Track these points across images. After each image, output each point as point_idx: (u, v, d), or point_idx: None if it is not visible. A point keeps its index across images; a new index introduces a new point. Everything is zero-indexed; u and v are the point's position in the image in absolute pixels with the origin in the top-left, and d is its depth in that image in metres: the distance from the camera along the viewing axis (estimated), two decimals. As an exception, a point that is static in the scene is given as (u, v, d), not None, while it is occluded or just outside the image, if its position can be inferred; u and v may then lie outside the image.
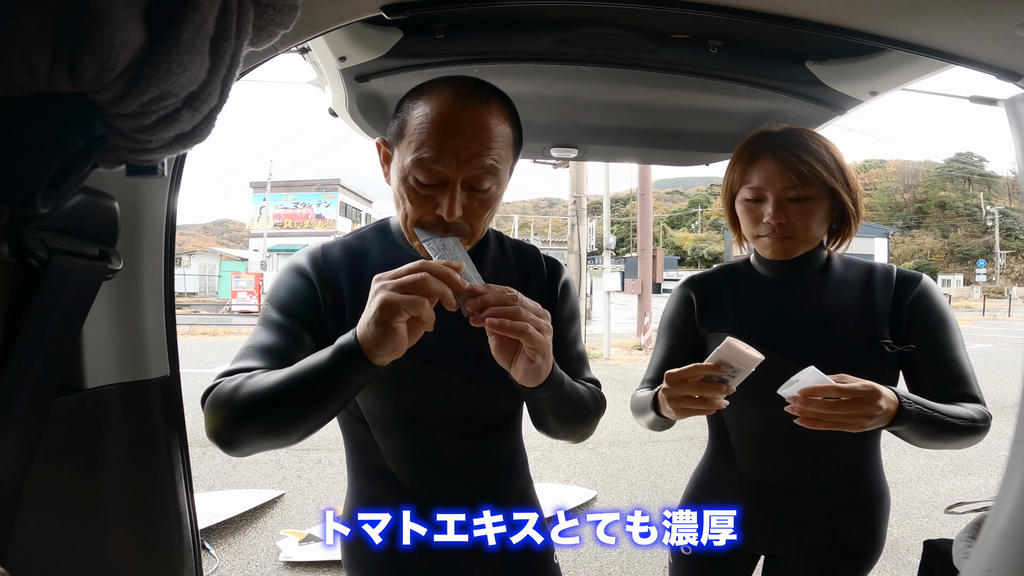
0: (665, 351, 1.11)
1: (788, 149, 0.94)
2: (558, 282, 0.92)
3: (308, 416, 0.65)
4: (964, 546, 0.61)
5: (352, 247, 0.84)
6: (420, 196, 0.73)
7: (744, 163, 0.99)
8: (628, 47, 1.07)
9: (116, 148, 0.37)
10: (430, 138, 0.70)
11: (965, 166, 48.37)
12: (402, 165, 0.73)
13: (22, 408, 0.52)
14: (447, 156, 0.70)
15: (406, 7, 0.74)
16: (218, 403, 0.66)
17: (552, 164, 1.72)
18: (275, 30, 0.39)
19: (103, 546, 0.69)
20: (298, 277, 0.79)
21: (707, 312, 1.07)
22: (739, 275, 1.08)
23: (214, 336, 12.32)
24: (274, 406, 0.64)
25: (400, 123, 0.75)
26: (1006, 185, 46.94)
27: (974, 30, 0.70)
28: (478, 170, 0.72)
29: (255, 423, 0.65)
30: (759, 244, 1.00)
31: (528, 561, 0.93)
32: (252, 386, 0.65)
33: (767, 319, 1.01)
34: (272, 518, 3.18)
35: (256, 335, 0.76)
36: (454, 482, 0.87)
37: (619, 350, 10.48)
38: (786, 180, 0.93)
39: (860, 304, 0.98)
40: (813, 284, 1.01)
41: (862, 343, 0.95)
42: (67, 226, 0.57)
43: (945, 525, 3.02)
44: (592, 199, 16.49)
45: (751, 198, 0.98)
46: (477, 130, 0.71)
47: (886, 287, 0.99)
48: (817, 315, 0.98)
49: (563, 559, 1.05)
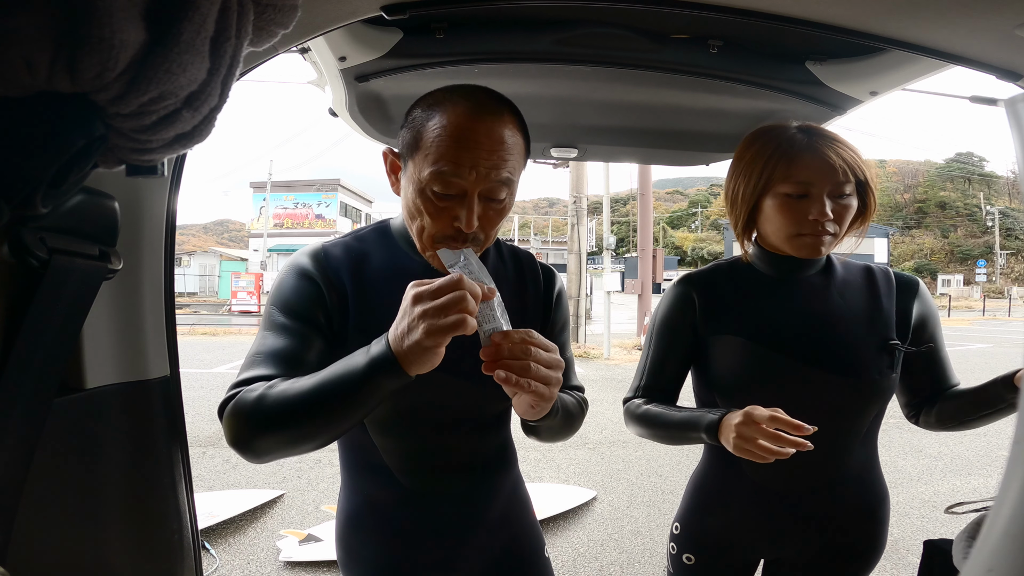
0: (660, 354, 1.06)
1: (830, 146, 0.92)
2: (553, 291, 0.95)
3: (339, 424, 0.65)
4: (964, 546, 0.61)
5: (353, 248, 0.84)
6: (438, 208, 0.74)
7: (781, 158, 0.93)
8: (628, 47, 1.07)
9: (116, 148, 0.37)
10: (449, 151, 0.71)
11: (965, 166, 48.37)
12: (419, 177, 0.74)
13: (22, 408, 0.52)
14: (466, 169, 0.71)
15: (406, 7, 0.74)
16: (243, 413, 0.66)
17: (552, 164, 1.72)
18: (275, 30, 0.39)
19: (103, 546, 0.69)
20: (302, 278, 0.79)
21: (710, 313, 1.02)
22: (740, 274, 1.05)
23: (214, 336, 12.32)
24: (305, 416, 0.64)
25: (414, 134, 0.75)
26: (1006, 185, 46.94)
27: (974, 30, 0.70)
28: (495, 183, 0.73)
29: (285, 432, 0.65)
30: (795, 244, 0.95)
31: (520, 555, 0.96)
32: (278, 396, 0.65)
33: (778, 321, 0.98)
34: (272, 518, 3.18)
35: (264, 340, 0.75)
36: (449, 478, 0.89)
37: (619, 350, 10.48)
38: (836, 176, 0.91)
39: (868, 305, 0.98)
40: (819, 285, 1.00)
41: (873, 344, 0.95)
42: (67, 226, 0.56)
43: (945, 525, 3.02)
44: (592, 199, 16.49)
45: (794, 194, 0.93)
46: (495, 143, 0.72)
47: (888, 289, 1.00)
48: (828, 317, 0.97)
49: (563, 559, 1.06)
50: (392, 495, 0.87)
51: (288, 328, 0.75)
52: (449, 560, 0.90)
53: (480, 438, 0.91)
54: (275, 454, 0.67)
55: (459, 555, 0.90)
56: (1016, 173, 7.66)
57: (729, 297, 1.02)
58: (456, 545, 0.90)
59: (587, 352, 10.21)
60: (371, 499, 0.88)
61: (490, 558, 0.93)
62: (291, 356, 0.73)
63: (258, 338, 0.76)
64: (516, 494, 0.97)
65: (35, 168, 0.35)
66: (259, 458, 0.67)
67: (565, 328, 0.97)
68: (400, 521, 0.88)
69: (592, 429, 5.15)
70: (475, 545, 0.91)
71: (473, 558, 0.91)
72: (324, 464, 4.04)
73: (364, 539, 0.89)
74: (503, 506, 0.94)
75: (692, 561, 1.06)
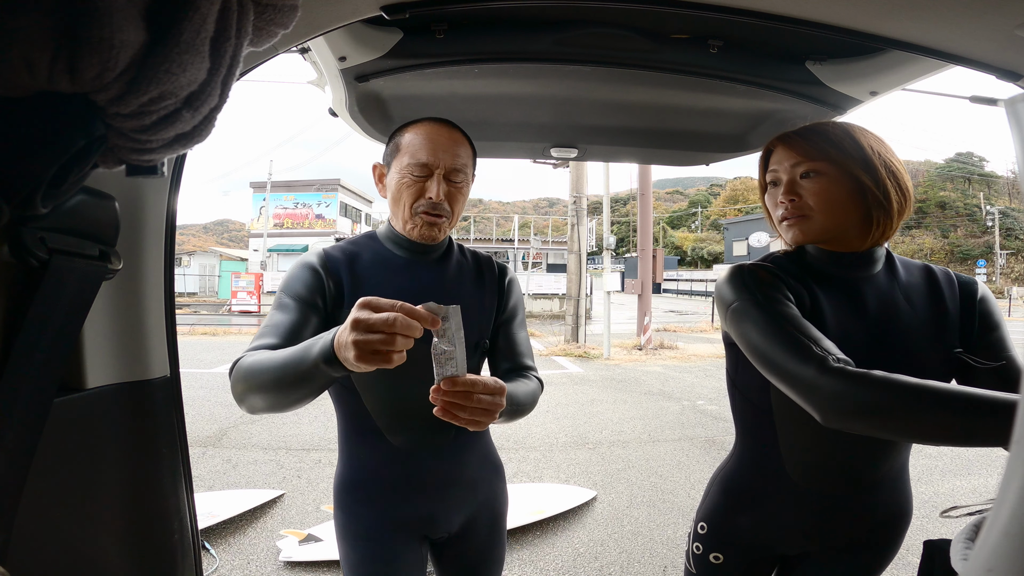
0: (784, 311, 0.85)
1: (796, 132, 0.96)
2: (505, 280, 1.17)
3: (295, 394, 0.79)
4: (963, 547, 0.61)
5: (348, 250, 1.05)
6: (415, 184, 1.00)
7: (766, 152, 1.01)
8: (628, 47, 1.07)
9: (116, 148, 0.37)
10: (422, 147, 0.99)
11: (965, 166, 48.38)
12: (400, 167, 1.01)
13: (22, 408, 0.52)
14: (433, 155, 0.99)
15: (406, 7, 0.74)
16: (238, 374, 0.84)
17: (552, 164, 1.72)
18: (275, 30, 0.39)
19: (103, 546, 0.69)
20: (307, 270, 0.99)
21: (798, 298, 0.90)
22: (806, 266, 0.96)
23: (214, 336, 12.31)
24: (270, 385, 0.79)
25: (394, 146, 1.03)
26: (1006, 185, 46.94)
27: (974, 30, 0.70)
28: (452, 168, 1.00)
29: (257, 396, 0.82)
30: (782, 230, 0.98)
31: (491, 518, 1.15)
32: (255, 364, 0.82)
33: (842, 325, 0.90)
34: (272, 518, 3.18)
35: (272, 316, 0.95)
36: (431, 435, 1.05)
37: (619, 350, 10.48)
38: (791, 157, 0.94)
39: (933, 310, 0.93)
40: (884, 286, 0.94)
41: (937, 353, 0.91)
42: (67, 226, 0.56)
43: (945, 525, 3.02)
44: (592, 199, 16.49)
45: (770, 181, 0.99)
46: (451, 143, 1.01)
47: (952, 292, 0.94)
48: (894, 322, 0.91)
49: (563, 559, 1.07)
50: (383, 454, 1.04)
51: (291, 308, 0.95)
52: (432, 515, 1.06)
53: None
54: (259, 410, 0.84)
55: (440, 510, 1.07)
56: (1016, 173, 7.62)
57: (803, 293, 0.92)
58: (438, 500, 1.06)
59: (587, 352, 10.21)
60: (364, 461, 1.05)
61: (465, 517, 1.10)
62: (291, 330, 0.92)
63: (268, 316, 0.96)
64: (488, 459, 1.15)
65: (35, 168, 0.35)
66: (251, 411, 0.86)
67: (519, 308, 1.17)
68: (391, 479, 1.04)
69: (592, 429, 5.15)
70: (453, 502, 1.08)
71: (451, 514, 1.08)
72: (324, 464, 4.04)
73: (359, 496, 1.05)
74: (476, 468, 1.11)
75: (720, 560, 1.05)
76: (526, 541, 2.92)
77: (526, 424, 5.23)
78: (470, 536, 1.12)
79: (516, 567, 2.68)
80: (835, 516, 0.99)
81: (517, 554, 2.79)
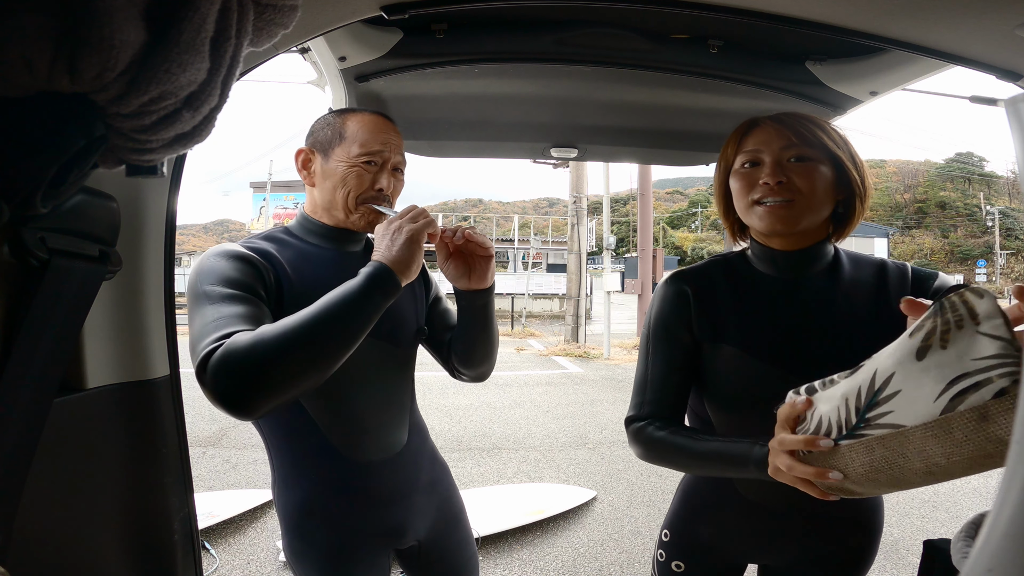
0: (661, 364, 0.95)
1: (787, 115, 0.90)
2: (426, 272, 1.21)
3: (341, 344, 0.74)
4: (962, 546, 0.61)
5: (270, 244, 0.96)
6: (364, 176, 0.98)
7: (739, 134, 0.93)
8: (628, 47, 1.07)
9: (116, 148, 0.37)
10: (373, 138, 0.98)
11: (965, 166, 48.37)
12: (349, 156, 0.97)
13: (22, 408, 0.52)
14: (385, 147, 0.99)
15: (406, 7, 0.74)
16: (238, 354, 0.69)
17: (552, 164, 1.72)
18: (275, 30, 0.39)
19: (103, 546, 0.69)
20: (237, 259, 0.86)
21: (706, 316, 0.93)
22: (736, 272, 0.96)
23: (214, 336, 12.28)
24: (315, 335, 0.72)
25: (334, 133, 0.99)
26: (1006, 185, 46.93)
27: (974, 30, 0.70)
28: (399, 159, 1.02)
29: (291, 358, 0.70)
30: (755, 215, 0.89)
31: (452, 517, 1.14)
32: (279, 328, 0.71)
33: (775, 331, 0.90)
34: (272, 518, 3.18)
35: (219, 309, 0.77)
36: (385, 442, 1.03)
37: (619, 350, 10.48)
38: (784, 139, 0.87)
39: (877, 311, 0.89)
40: (823, 287, 0.91)
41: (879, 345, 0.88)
42: (67, 226, 0.56)
43: (945, 525, 3.02)
44: (592, 199, 16.50)
45: (747, 161, 0.90)
46: (396, 137, 1.02)
47: (901, 285, 0.90)
48: (830, 327, 0.89)
49: (563, 559, 1.07)
50: (340, 471, 0.98)
51: (239, 297, 0.80)
52: (400, 525, 1.04)
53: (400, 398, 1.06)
54: (275, 392, 0.69)
55: (407, 519, 1.05)
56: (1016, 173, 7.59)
57: (724, 298, 0.94)
58: (404, 509, 1.04)
59: (587, 352, 10.21)
60: (317, 481, 0.97)
61: (431, 520, 1.10)
62: (253, 317, 0.78)
63: (207, 311, 0.77)
64: (436, 459, 1.14)
65: (35, 168, 0.35)
66: (254, 401, 0.69)
67: (438, 286, 1.23)
68: (350, 494, 0.99)
69: (592, 429, 5.15)
70: (417, 509, 1.07)
71: (417, 521, 1.07)
72: (324, 464, 4.04)
73: (316, 518, 0.97)
74: (428, 470, 1.10)
75: (681, 569, 1.05)
76: (526, 541, 2.92)
77: (526, 424, 5.23)
78: (440, 539, 1.11)
79: (516, 567, 2.68)
80: (786, 530, 0.98)
81: (517, 554, 2.79)
